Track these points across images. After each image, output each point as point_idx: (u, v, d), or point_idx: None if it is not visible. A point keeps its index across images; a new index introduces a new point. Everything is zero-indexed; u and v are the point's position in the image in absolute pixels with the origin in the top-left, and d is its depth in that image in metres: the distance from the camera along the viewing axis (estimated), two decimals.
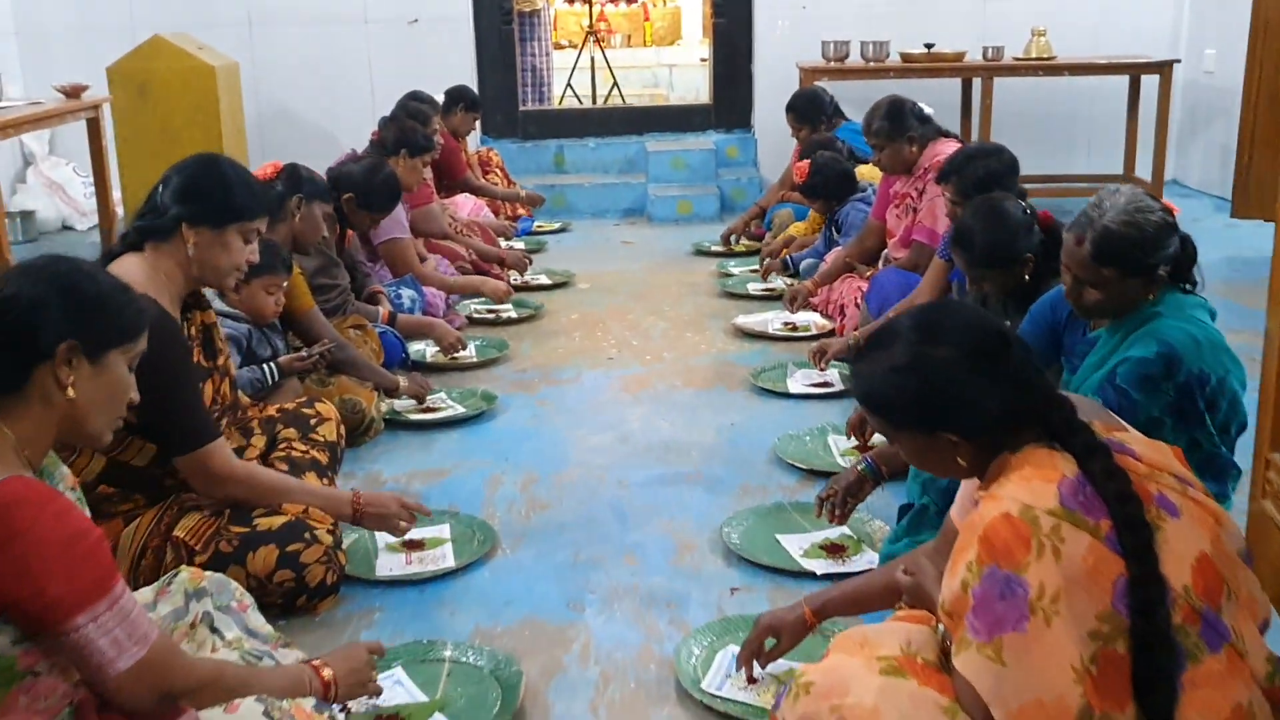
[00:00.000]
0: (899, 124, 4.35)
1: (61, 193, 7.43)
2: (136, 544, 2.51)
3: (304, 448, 2.91)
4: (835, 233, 5.24)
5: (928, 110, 4.48)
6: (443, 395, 3.95)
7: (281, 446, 2.90)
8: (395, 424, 3.73)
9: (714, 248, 6.44)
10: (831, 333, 4.66)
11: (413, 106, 5.79)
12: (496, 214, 7.05)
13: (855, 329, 4.42)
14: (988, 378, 1.66)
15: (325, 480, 2.87)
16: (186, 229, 2.55)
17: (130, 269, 2.52)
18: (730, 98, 8.12)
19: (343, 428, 3.09)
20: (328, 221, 3.87)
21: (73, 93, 5.23)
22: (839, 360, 3.98)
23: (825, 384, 4.01)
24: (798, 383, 4.04)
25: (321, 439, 2.97)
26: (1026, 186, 3.61)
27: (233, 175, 2.63)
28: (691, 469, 3.35)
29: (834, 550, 2.77)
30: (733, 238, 6.39)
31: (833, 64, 7.22)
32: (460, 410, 3.84)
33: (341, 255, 4.29)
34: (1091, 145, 8.07)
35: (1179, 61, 7.18)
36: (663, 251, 6.52)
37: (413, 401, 3.85)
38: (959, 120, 7.73)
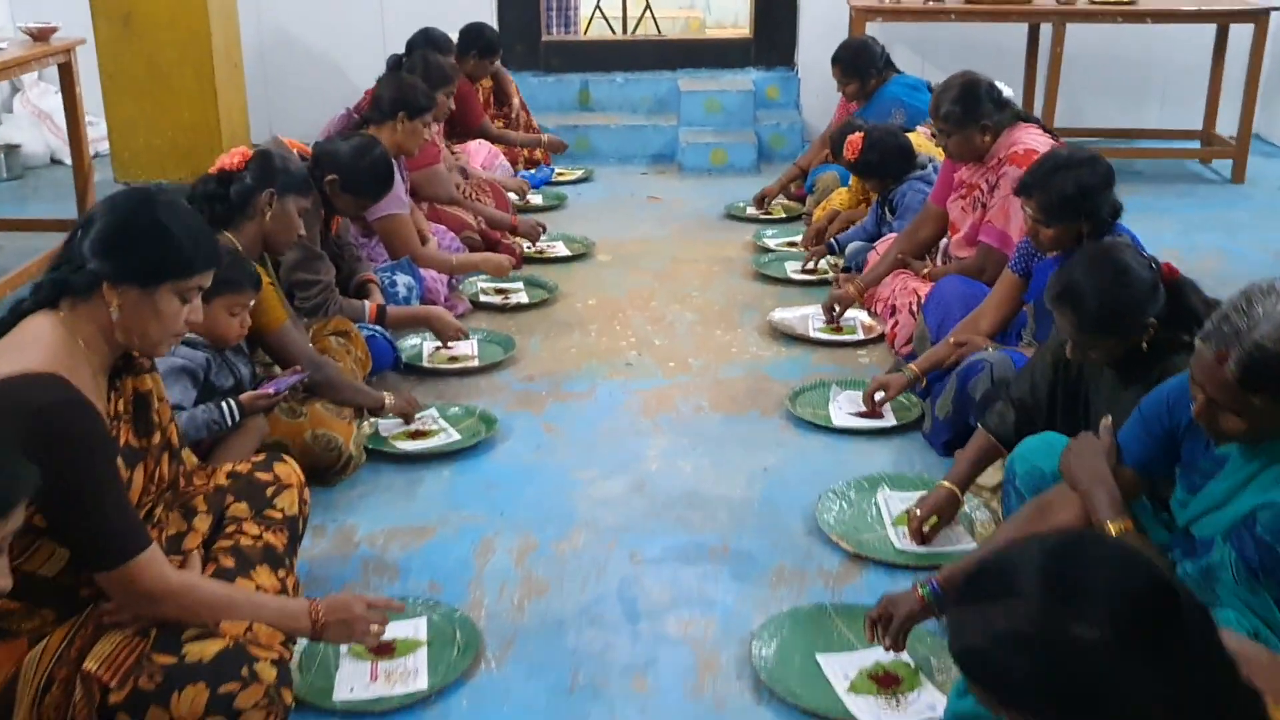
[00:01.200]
0: (973, 110, 3.76)
1: (50, 123, 6.88)
2: (41, 674, 2.06)
3: (256, 530, 2.43)
4: (889, 213, 4.66)
5: (1006, 92, 3.87)
6: (434, 413, 3.47)
7: (229, 530, 2.42)
8: (379, 455, 3.26)
9: (749, 211, 5.87)
10: (880, 338, 4.12)
11: (431, 59, 5.07)
12: (515, 162, 6.49)
13: (908, 342, 3.89)
14: (1148, 665, 1.16)
15: (282, 572, 2.40)
16: (108, 288, 2.06)
17: (39, 335, 2.03)
18: (772, 31, 7.44)
19: (307, 495, 2.62)
20: (307, 216, 3.34)
21: (40, 35, 4.67)
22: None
23: (874, 415, 3.50)
24: (842, 412, 3.52)
25: (279, 514, 2.49)
26: (1092, 142, 3.05)
27: (169, 220, 2.12)
28: (717, 538, 2.86)
29: (886, 682, 2.29)
30: (766, 200, 5.81)
31: (887, 2, 6.53)
32: (454, 438, 3.36)
33: (326, 245, 3.77)
34: (1166, 97, 7.36)
35: (1277, 10, 6.44)
36: (693, 212, 5.95)
37: (400, 421, 3.38)
38: (1023, 68, 7.05)
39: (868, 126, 4.82)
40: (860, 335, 4.14)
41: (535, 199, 6.08)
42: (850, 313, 4.27)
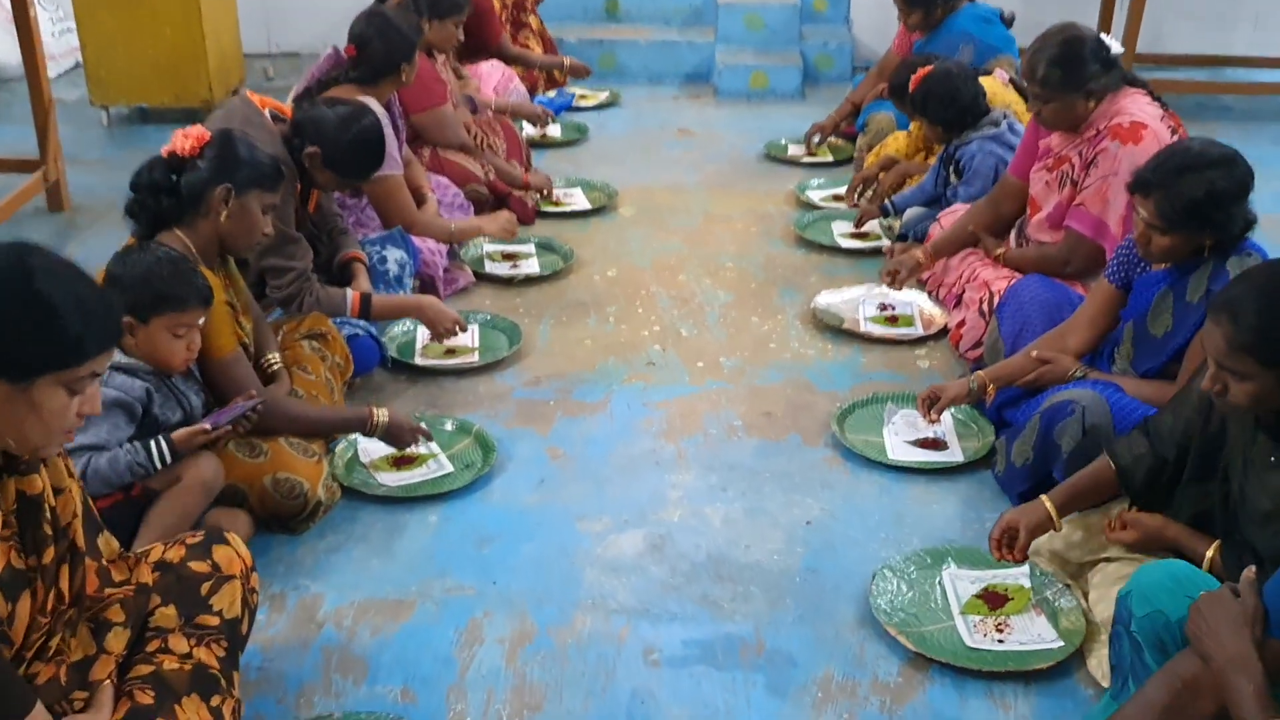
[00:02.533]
0: (1076, 73, 3.14)
1: None
2: None
3: (185, 646, 1.96)
4: (953, 175, 4.06)
5: (1116, 48, 3.23)
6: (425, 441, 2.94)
7: (151, 648, 1.96)
8: (356, 495, 2.79)
9: (792, 151, 5.26)
10: (943, 333, 3.58)
11: None
12: (534, 87, 5.86)
13: (976, 345, 3.35)
14: None
15: (217, 699, 1.92)
16: None
17: None
18: None
19: (255, 582, 2.14)
20: (274, 210, 2.79)
21: None
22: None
23: (935, 442, 2.99)
24: (898, 439, 3.00)
25: (217, 619, 2.02)
26: (1172, 73, 2.45)
27: (50, 292, 1.62)
28: (750, 628, 2.37)
29: None
30: (817, 138, 5.20)
31: None
32: (445, 470, 2.86)
33: (303, 224, 3.24)
34: (1259, 20, 6.59)
35: None
36: (729, 152, 5.34)
37: (386, 448, 2.89)
38: None
39: (934, 61, 4.19)
40: (919, 329, 3.60)
41: (553, 130, 5.48)
42: (908, 295, 3.72)
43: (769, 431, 3.08)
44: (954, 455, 2.94)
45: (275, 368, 2.83)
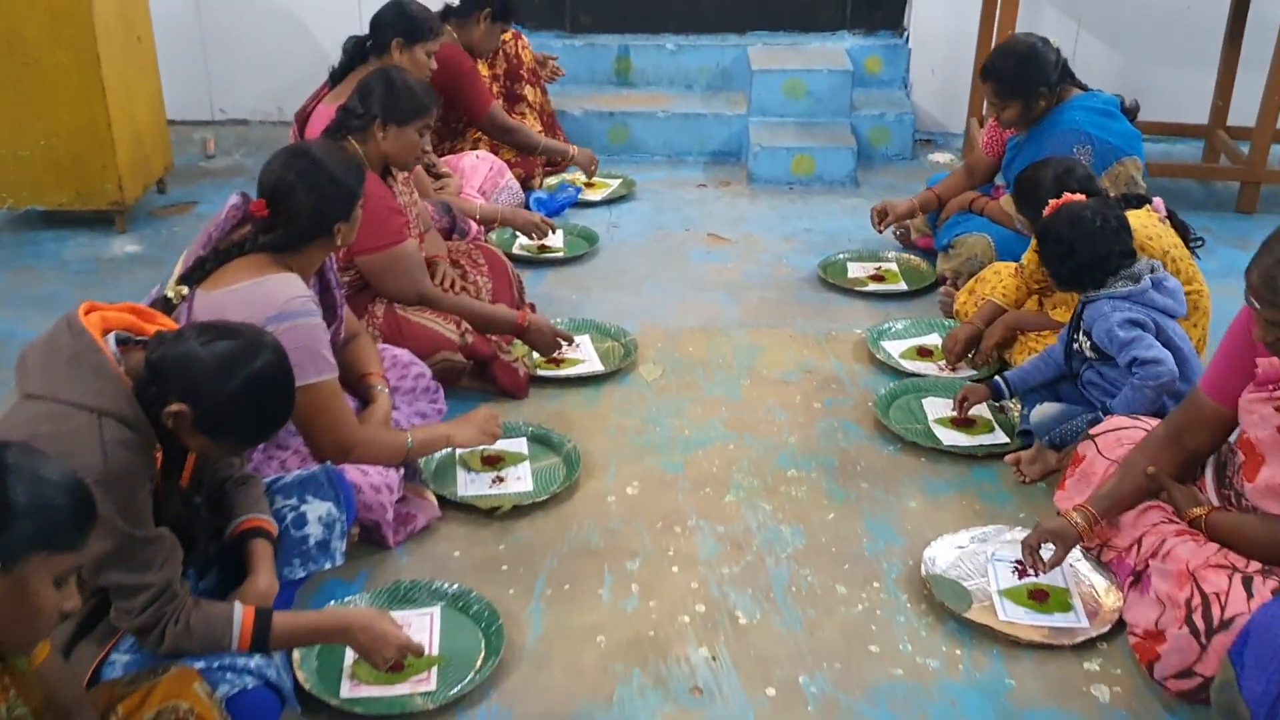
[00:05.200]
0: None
1: None
2: None
3: None
4: (1085, 345, 2.93)
5: None
6: None
7: None
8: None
9: (854, 273, 4.14)
10: (1120, 625, 2.46)
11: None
12: (529, 175, 4.77)
13: (1182, 674, 2.23)
14: None
15: None
16: None
17: None
18: None
19: None
20: (131, 474, 1.68)
21: None
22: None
23: None
24: None
25: None
26: None
27: None
28: None
29: None
30: (882, 223, 4.13)
31: None
32: None
33: (168, 508, 2.11)
34: None
35: None
36: (773, 268, 4.23)
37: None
38: (1222, 43, 5.16)
39: (1072, 176, 3.13)
40: (1082, 619, 2.46)
41: (555, 239, 4.38)
42: (1076, 569, 2.59)
43: None
44: None
45: None
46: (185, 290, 2.42)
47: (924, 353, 3.57)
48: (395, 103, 3.20)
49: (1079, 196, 2.99)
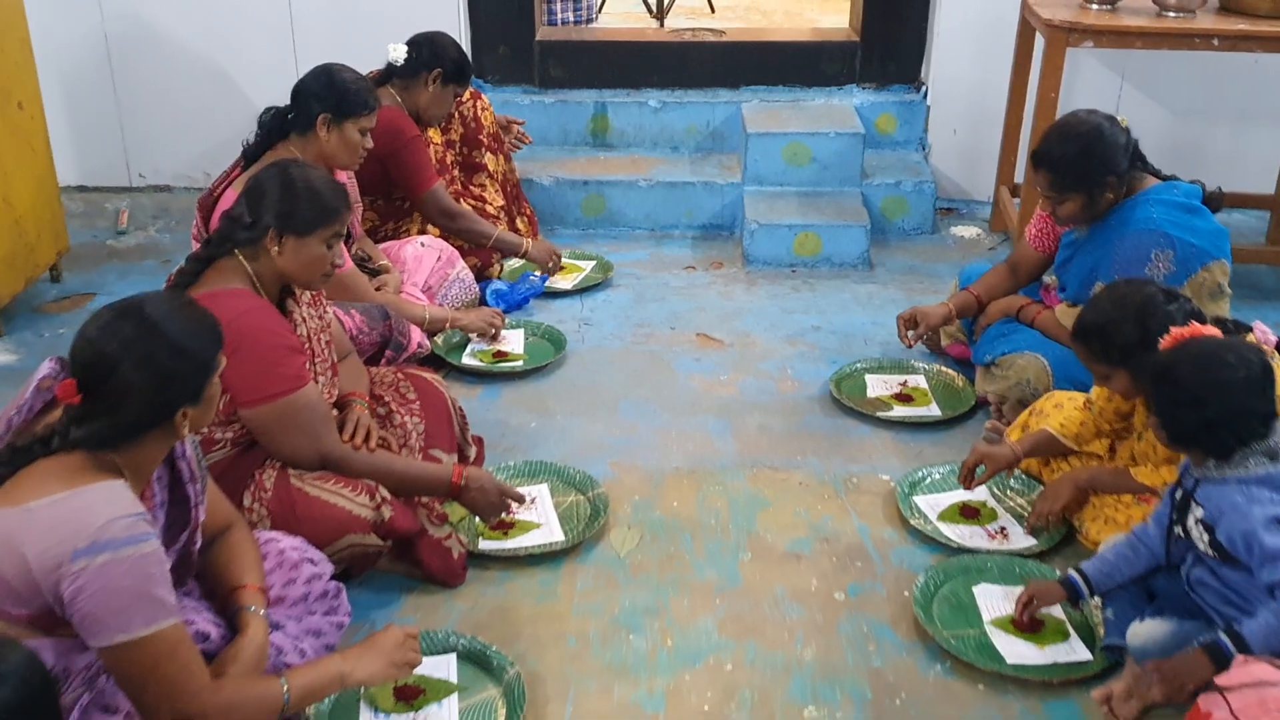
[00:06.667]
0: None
1: None
2: None
3: None
4: (1197, 532, 2.20)
5: None
6: None
7: None
8: None
9: (874, 390, 3.42)
10: None
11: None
12: (486, 262, 4.05)
13: None
14: None
15: None
16: None
17: None
18: (890, 29, 4.85)
19: None
20: None
21: None
22: None
23: None
24: None
25: None
26: None
27: None
28: None
29: None
30: (913, 333, 3.37)
31: (1098, 6, 3.97)
32: None
33: None
34: None
35: None
36: (775, 381, 3.51)
37: None
38: None
39: (1146, 311, 2.41)
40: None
41: (513, 343, 3.65)
42: None
43: None
44: None
45: None
46: None
47: (969, 513, 2.83)
48: (293, 209, 2.49)
49: (1212, 330, 2.28)
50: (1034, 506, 2.76)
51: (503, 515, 2.73)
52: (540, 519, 2.82)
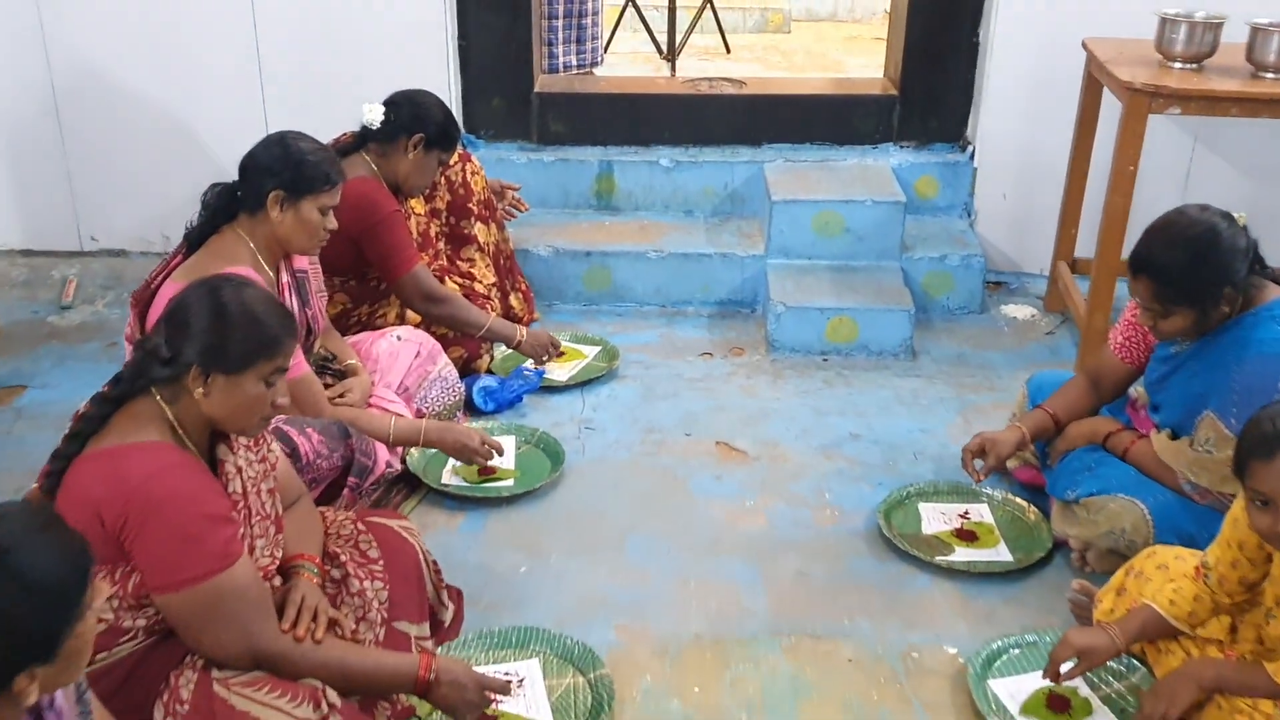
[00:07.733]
0: None
1: None
2: None
3: None
4: None
5: None
6: None
7: None
8: None
9: (931, 527, 2.87)
10: None
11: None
12: (474, 353, 3.53)
13: None
14: None
15: None
16: None
17: None
18: (930, 84, 4.32)
19: None
20: None
21: None
22: None
23: None
24: None
25: None
26: None
27: None
28: None
29: None
30: (981, 464, 2.80)
31: (1181, 64, 3.44)
32: None
33: None
34: None
35: None
36: (811, 511, 2.97)
37: None
38: None
39: None
40: None
41: (505, 457, 3.10)
42: None
43: None
44: None
45: None
46: None
47: (1057, 704, 2.29)
48: (224, 341, 1.97)
49: None
50: (1142, 706, 2.22)
51: (485, 709, 2.20)
52: (529, 710, 2.28)
